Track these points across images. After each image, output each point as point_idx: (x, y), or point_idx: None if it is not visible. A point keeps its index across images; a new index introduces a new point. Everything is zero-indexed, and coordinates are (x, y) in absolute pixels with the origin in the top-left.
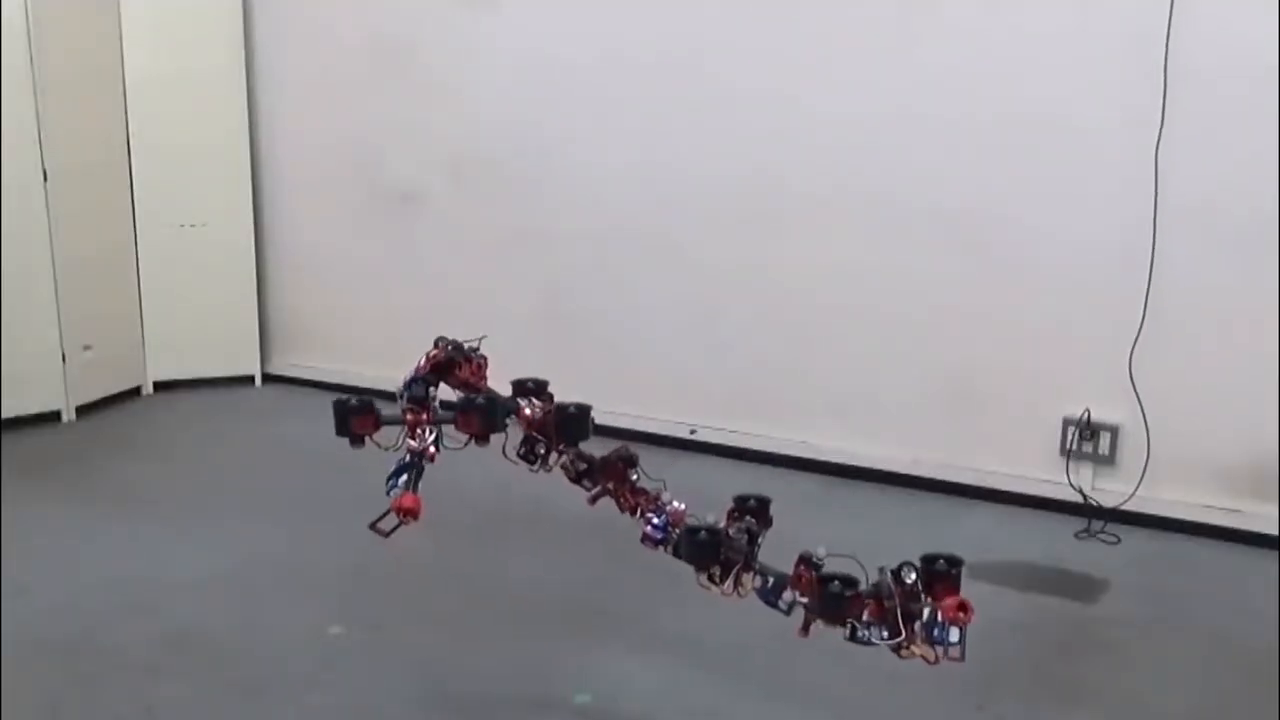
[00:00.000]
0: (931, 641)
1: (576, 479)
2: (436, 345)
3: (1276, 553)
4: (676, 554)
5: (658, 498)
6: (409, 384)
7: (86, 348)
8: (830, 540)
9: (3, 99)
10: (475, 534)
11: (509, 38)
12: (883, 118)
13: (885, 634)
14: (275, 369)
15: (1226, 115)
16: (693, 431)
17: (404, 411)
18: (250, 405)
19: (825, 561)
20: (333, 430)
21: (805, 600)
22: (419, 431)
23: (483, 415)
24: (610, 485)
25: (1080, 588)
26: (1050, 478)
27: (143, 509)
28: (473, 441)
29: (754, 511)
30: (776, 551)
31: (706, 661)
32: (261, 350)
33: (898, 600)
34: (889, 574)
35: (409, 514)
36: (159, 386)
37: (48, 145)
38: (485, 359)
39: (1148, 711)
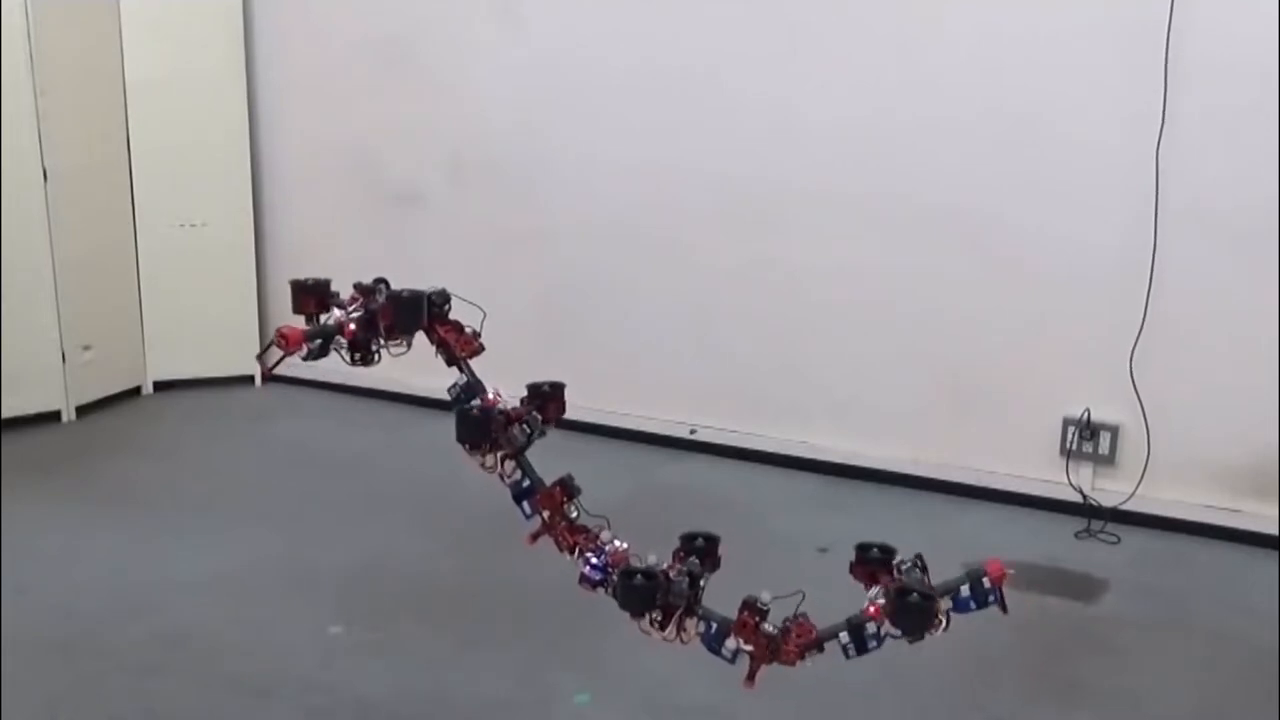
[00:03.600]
0: (963, 610)
1: (517, 499)
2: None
3: (1276, 553)
4: (615, 595)
5: (598, 536)
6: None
7: (86, 348)
8: (830, 540)
9: (3, 99)
10: (475, 534)
11: (509, 38)
12: (882, 118)
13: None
14: (275, 369)
15: (1227, 115)
16: (693, 431)
17: (350, 298)
18: (250, 405)
19: (770, 605)
20: (332, 430)
21: (750, 648)
22: (348, 309)
23: (396, 305)
24: (546, 513)
25: (1080, 588)
26: (1050, 477)
27: (143, 509)
28: (406, 346)
29: (701, 551)
30: (776, 552)
31: (706, 661)
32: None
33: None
34: (918, 570)
35: (285, 340)
36: (159, 386)
37: (48, 145)
38: (482, 346)
39: (1148, 711)
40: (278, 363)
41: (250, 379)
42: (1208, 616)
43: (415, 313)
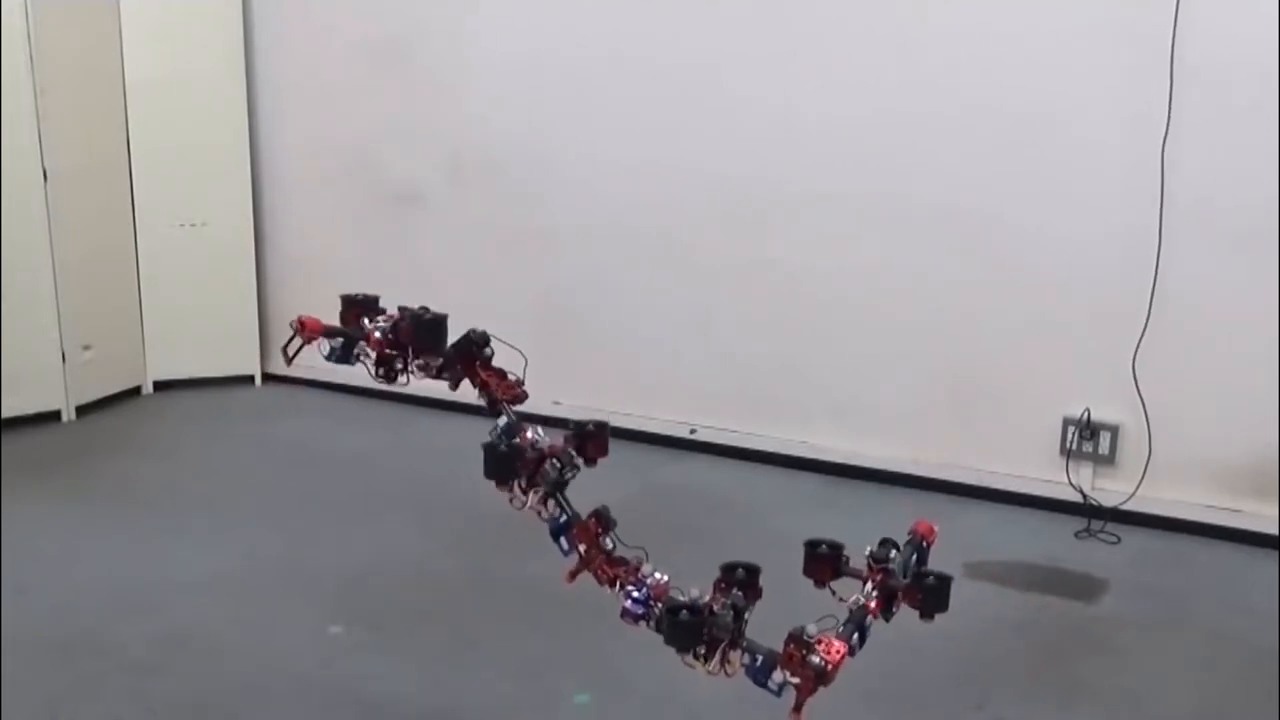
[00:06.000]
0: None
1: (554, 536)
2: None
3: (1276, 553)
4: (659, 630)
5: (638, 569)
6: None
7: (86, 348)
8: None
9: (3, 99)
10: (475, 534)
11: (509, 38)
12: (883, 117)
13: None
14: (275, 369)
15: (1230, 115)
16: (693, 431)
17: (390, 315)
18: (250, 405)
19: (815, 637)
20: (332, 430)
21: (797, 681)
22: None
23: (416, 325)
24: (582, 548)
25: (1080, 587)
26: (1050, 477)
27: (143, 509)
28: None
29: (742, 583)
30: (776, 552)
31: None
32: (261, 350)
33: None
34: (894, 551)
35: (303, 327)
36: (159, 386)
37: (48, 145)
38: (524, 392)
39: (1148, 711)
40: (298, 351)
41: (250, 379)
42: (1208, 616)
43: (437, 335)
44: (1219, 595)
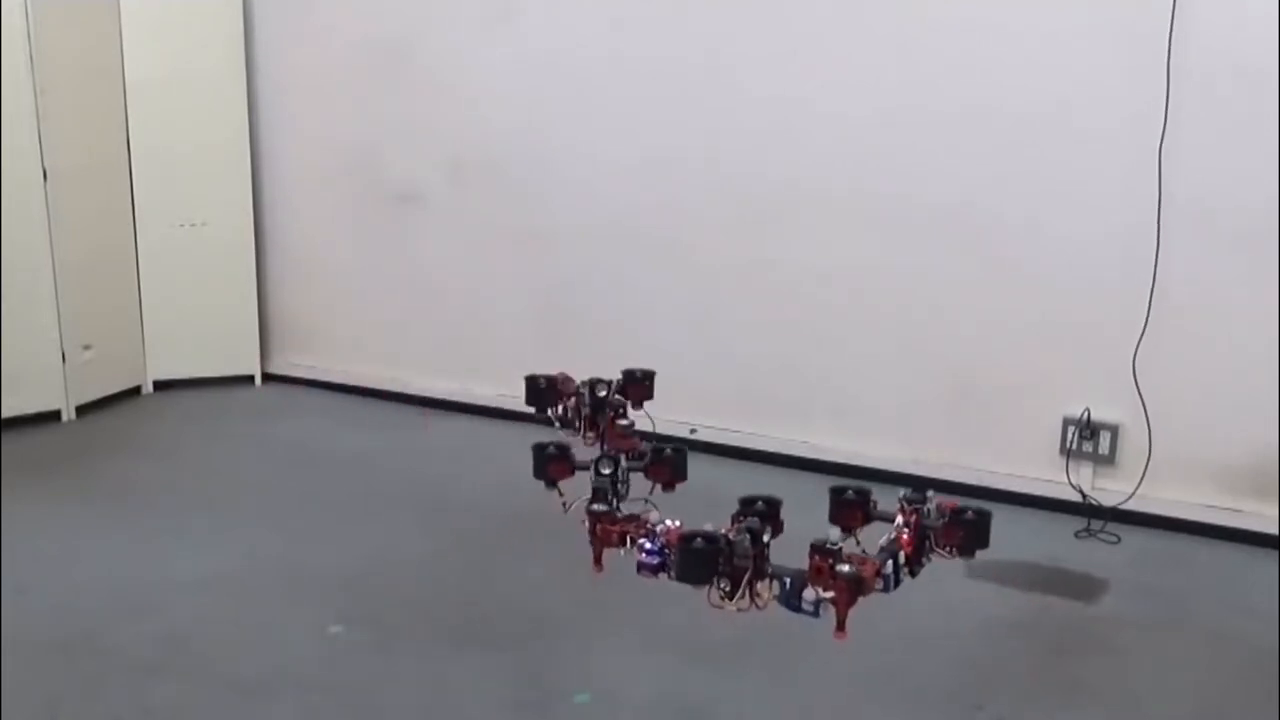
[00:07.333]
0: None
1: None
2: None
3: (1276, 553)
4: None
5: (646, 520)
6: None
7: (86, 347)
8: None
9: (3, 99)
10: (475, 533)
11: (509, 38)
12: (883, 118)
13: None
14: (275, 369)
15: (1229, 115)
16: (693, 431)
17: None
18: (250, 405)
19: (839, 543)
20: (332, 430)
21: (831, 594)
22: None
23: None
24: (585, 523)
25: (1080, 587)
26: (1050, 477)
27: (143, 509)
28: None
29: (762, 515)
30: (776, 552)
31: (706, 660)
32: (261, 350)
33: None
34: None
35: (553, 480)
36: (159, 386)
37: (48, 145)
38: (645, 448)
39: (1148, 711)
40: (561, 497)
41: (250, 379)
42: (1208, 616)
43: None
44: (1219, 595)
